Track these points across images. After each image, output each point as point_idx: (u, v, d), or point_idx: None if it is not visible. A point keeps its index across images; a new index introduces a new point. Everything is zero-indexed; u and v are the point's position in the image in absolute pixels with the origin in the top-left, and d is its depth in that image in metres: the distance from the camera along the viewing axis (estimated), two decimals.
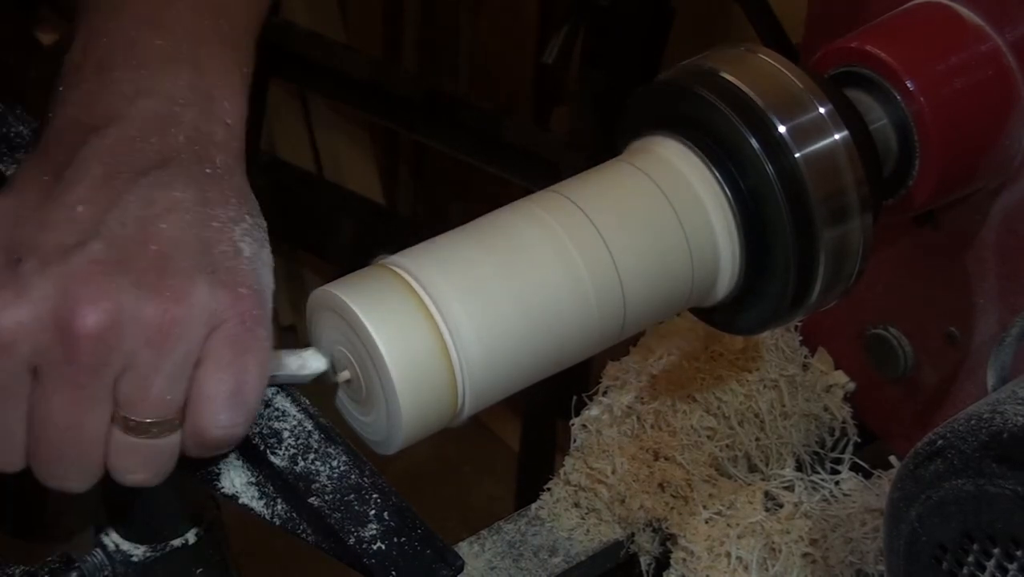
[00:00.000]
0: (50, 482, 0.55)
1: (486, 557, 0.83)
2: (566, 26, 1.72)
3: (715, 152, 0.64)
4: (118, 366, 0.52)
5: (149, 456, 0.55)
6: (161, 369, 0.53)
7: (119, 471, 0.55)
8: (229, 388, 0.54)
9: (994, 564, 0.55)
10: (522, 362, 0.60)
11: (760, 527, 0.82)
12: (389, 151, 2.44)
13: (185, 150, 0.57)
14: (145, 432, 0.54)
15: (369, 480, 0.57)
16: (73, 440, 0.53)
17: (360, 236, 2.08)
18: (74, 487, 0.55)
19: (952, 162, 0.71)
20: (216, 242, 0.55)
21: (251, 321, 0.54)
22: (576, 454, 0.87)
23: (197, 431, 0.54)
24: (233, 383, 0.54)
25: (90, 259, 0.52)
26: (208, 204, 0.56)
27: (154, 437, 0.54)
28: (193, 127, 0.58)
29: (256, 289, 0.55)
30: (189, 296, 0.53)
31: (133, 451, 0.54)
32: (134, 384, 0.53)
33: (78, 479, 0.55)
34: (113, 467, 0.55)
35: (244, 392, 0.54)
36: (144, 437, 0.54)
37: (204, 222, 0.55)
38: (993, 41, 0.71)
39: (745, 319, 0.68)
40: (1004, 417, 0.55)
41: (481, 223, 0.62)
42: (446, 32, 2.29)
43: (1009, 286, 0.78)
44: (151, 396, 0.53)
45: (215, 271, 0.54)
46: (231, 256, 0.55)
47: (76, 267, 0.52)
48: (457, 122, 1.96)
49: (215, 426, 0.54)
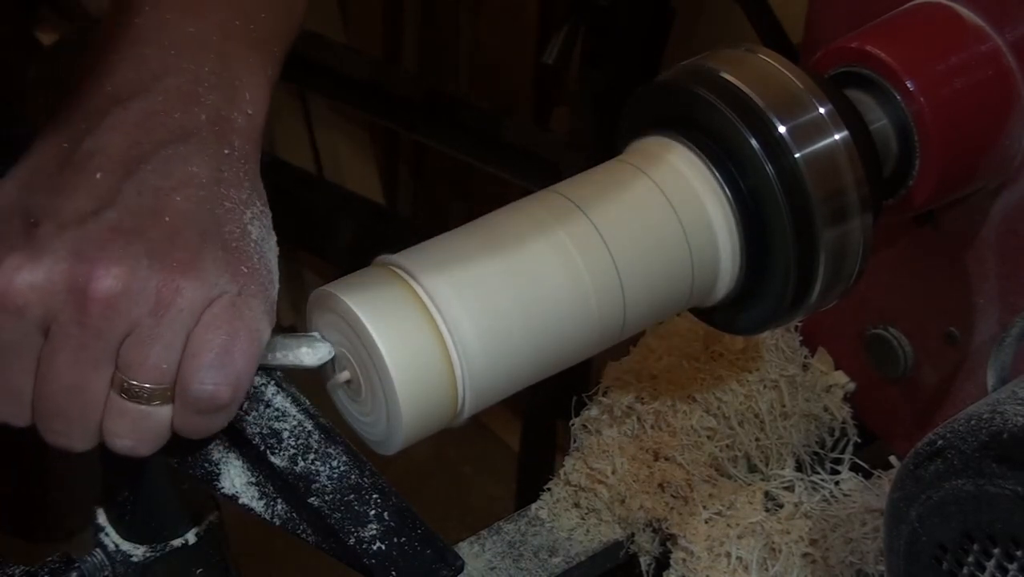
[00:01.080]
0: (52, 438, 0.56)
1: (486, 557, 0.83)
2: (566, 26, 1.72)
3: (715, 152, 0.64)
4: (122, 331, 0.54)
5: (138, 422, 0.55)
6: (160, 337, 0.54)
7: (110, 434, 0.56)
8: (216, 348, 0.55)
9: (994, 564, 0.55)
10: (522, 362, 0.60)
11: (760, 527, 0.82)
12: (389, 151, 2.44)
13: (205, 128, 0.58)
14: (138, 397, 0.55)
15: (369, 480, 0.57)
16: (76, 399, 0.55)
17: (360, 236, 2.08)
18: (75, 445, 0.57)
19: (952, 162, 0.71)
20: (226, 221, 0.56)
21: (247, 294, 0.56)
22: (576, 454, 0.86)
23: (183, 390, 0.55)
24: (221, 344, 0.55)
25: (106, 226, 0.54)
26: (222, 184, 0.57)
27: (146, 403, 0.55)
28: (215, 109, 0.59)
29: (259, 267, 0.57)
30: (196, 269, 0.54)
31: (125, 415, 0.55)
32: (134, 349, 0.54)
33: (79, 438, 0.56)
34: (106, 429, 0.56)
35: (231, 354, 0.55)
36: (137, 402, 0.55)
37: (217, 200, 0.57)
38: (993, 41, 0.71)
39: (745, 319, 0.68)
40: (1004, 417, 0.55)
41: (481, 223, 0.62)
42: (446, 32, 2.29)
43: (1009, 286, 0.78)
44: (148, 362, 0.54)
45: (224, 247, 0.55)
46: (239, 236, 0.56)
47: (92, 233, 0.54)
48: (457, 122, 1.96)
49: (198, 382, 0.55)
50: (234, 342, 0.55)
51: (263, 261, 0.57)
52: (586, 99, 1.75)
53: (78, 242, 0.53)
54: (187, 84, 0.59)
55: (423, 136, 2.08)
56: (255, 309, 0.56)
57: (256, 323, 0.56)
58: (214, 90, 0.60)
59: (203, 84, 0.59)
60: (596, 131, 1.72)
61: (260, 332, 0.56)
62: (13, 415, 0.56)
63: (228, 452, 0.59)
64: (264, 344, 0.56)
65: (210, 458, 0.59)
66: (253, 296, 0.56)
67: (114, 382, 0.55)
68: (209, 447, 0.59)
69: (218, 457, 0.59)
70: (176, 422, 0.56)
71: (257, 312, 0.56)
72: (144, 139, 0.57)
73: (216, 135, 0.58)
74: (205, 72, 0.60)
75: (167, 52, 0.60)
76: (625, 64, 1.69)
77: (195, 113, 0.58)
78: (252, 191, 0.59)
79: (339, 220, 2.11)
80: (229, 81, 0.61)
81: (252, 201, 0.58)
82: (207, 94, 0.59)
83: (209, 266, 0.55)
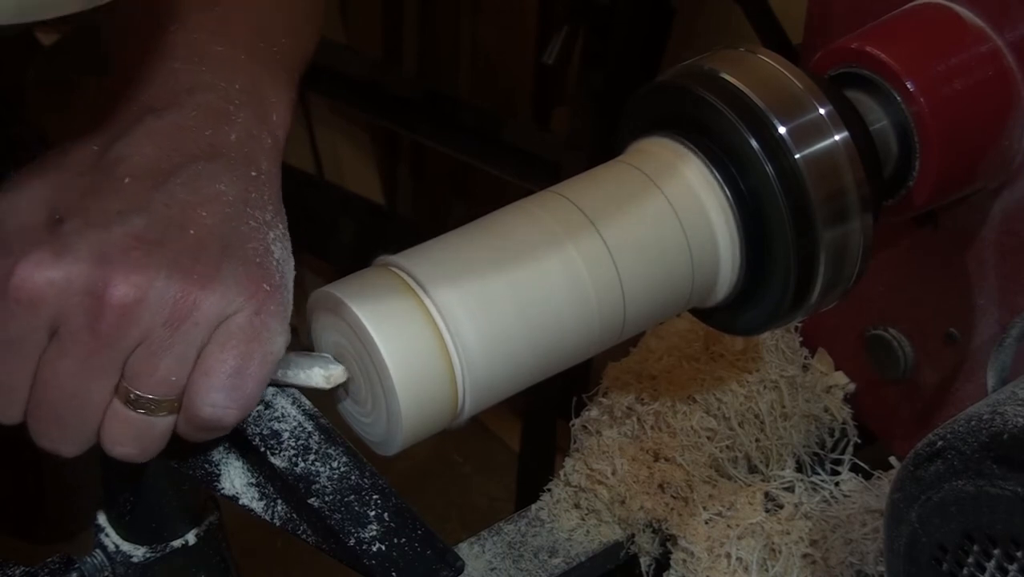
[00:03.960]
0: (42, 443, 0.56)
1: (486, 558, 0.83)
2: (566, 26, 1.72)
3: (715, 153, 0.64)
4: (134, 341, 0.53)
5: (141, 431, 0.55)
6: (171, 349, 0.53)
7: (108, 441, 0.55)
8: (229, 370, 0.54)
9: (994, 565, 0.55)
10: (522, 362, 0.60)
11: (760, 528, 0.82)
12: (389, 151, 2.44)
13: (235, 149, 0.58)
14: (143, 407, 0.54)
15: (369, 481, 0.57)
16: (75, 407, 0.54)
17: (360, 236, 2.08)
18: (65, 451, 0.56)
19: (952, 162, 0.71)
20: (250, 238, 0.56)
21: (266, 314, 0.55)
22: (576, 455, 0.86)
23: (190, 406, 0.55)
24: (233, 366, 0.54)
25: (131, 232, 0.53)
26: (248, 204, 0.57)
27: (150, 414, 0.55)
28: (245, 129, 0.59)
29: (279, 286, 0.56)
30: (215, 284, 0.54)
31: (127, 424, 0.55)
32: (144, 360, 0.54)
33: (71, 444, 0.56)
34: (105, 436, 0.55)
35: (243, 377, 0.55)
36: (141, 412, 0.54)
37: (242, 219, 0.56)
38: (993, 42, 0.71)
39: (745, 320, 0.68)
40: (1004, 418, 0.55)
41: (481, 223, 0.62)
42: (446, 32, 2.29)
43: (1009, 286, 0.78)
44: (157, 374, 0.54)
45: (246, 264, 0.55)
46: (262, 253, 0.56)
47: (116, 236, 0.53)
48: (457, 122, 1.96)
49: (207, 404, 0.54)
50: (248, 365, 0.54)
51: (283, 281, 0.57)
52: (586, 99, 1.75)
53: (101, 245, 0.53)
54: (218, 101, 0.59)
55: (423, 136, 2.08)
56: (271, 330, 0.55)
57: (271, 344, 0.55)
58: (244, 108, 0.60)
59: (233, 102, 0.59)
60: (596, 131, 1.72)
61: (275, 354, 0.56)
62: (4, 415, 0.55)
63: (228, 453, 0.59)
64: (277, 363, 0.56)
65: (210, 459, 0.59)
66: (271, 316, 0.55)
67: (119, 391, 0.54)
68: (209, 448, 0.59)
69: (218, 458, 0.59)
70: (178, 429, 0.56)
71: (274, 332, 0.56)
72: (175, 152, 0.56)
73: (244, 156, 0.58)
74: (236, 90, 0.60)
75: (198, 68, 0.60)
76: (625, 64, 1.69)
77: (225, 132, 0.58)
78: (276, 214, 0.59)
79: (339, 220, 2.11)
80: (258, 101, 0.61)
81: (275, 223, 0.58)
82: (237, 112, 0.59)
83: (229, 282, 0.54)
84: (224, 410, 0.55)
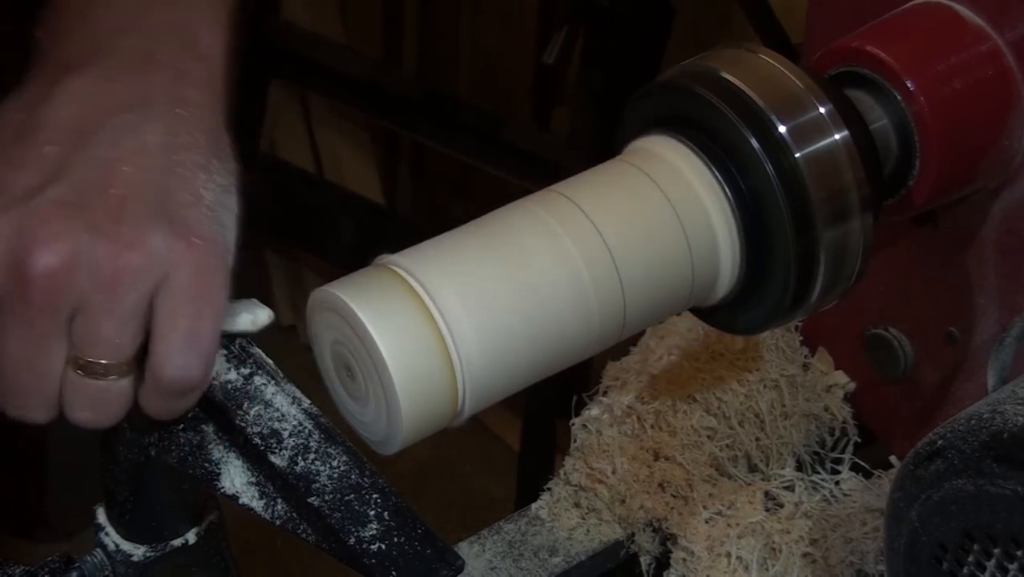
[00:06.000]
0: (12, 411, 0.56)
1: (486, 557, 0.83)
2: (566, 26, 1.72)
3: (715, 152, 0.64)
4: (70, 307, 0.53)
5: (97, 397, 0.55)
6: (112, 312, 0.54)
7: (69, 408, 0.56)
8: (184, 330, 0.54)
9: (994, 564, 0.55)
10: (522, 362, 0.60)
11: (760, 527, 0.82)
12: (389, 151, 2.44)
13: (160, 91, 0.58)
14: (94, 373, 0.55)
15: (369, 480, 0.57)
16: (30, 374, 0.55)
17: (360, 236, 2.08)
18: (35, 417, 0.56)
19: (952, 162, 0.71)
20: (177, 189, 0.56)
21: (205, 269, 0.55)
22: (576, 454, 0.86)
23: (154, 374, 0.55)
24: (187, 326, 0.54)
25: (50, 200, 0.53)
26: (175, 149, 0.56)
27: (103, 378, 0.55)
28: (170, 65, 0.59)
29: (212, 238, 0.56)
30: (143, 243, 0.54)
31: (83, 390, 0.55)
32: (86, 326, 0.54)
33: (37, 410, 0.56)
34: (65, 403, 0.56)
35: (199, 337, 0.55)
36: (94, 378, 0.55)
37: (168, 168, 0.56)
38: (993, 41, 0.71)
39: (745, 319, 0.67)
40: (1004, 417, 0.55)
41: (481, 223, 0.62)
42: (446, 32, 2.29)
43: (1009, 286, 0.78)
44: (101, 338, 0.54)
45: (172, 220, 0.55)
46: (191, 204, 0.56)
47: (35, 208, 0.53)
48: (457, 122, 1.96)
49: (173, 367, 0.55)
50: (200, 322, 0.55)
51: (219, 228, 0.56)
52: (586, 99, 1.75)
53: (21, 217, 0.53)
54: (139, 41, 0.59)
55: (423, 136, 2.08)
56: (213, 285, 0.55)
57: (217, 299, 0.56)
58: (167, 40, 0.59)
59: (155, 37, 0.59)
60: (596, 131, 1.72)
61: (221, 306, 0.56)
62: None
63: (228, 452, 0.59)
64: None
65: (210, 458, 0.59)
66: (211, 269, 0.55)
67: (69, 358, 0.55)
68: (209, 447, 0.59)
69: (218, 457, 0.59)
70: (145, 404, 0.56)
71: (216, 285, 0.56)
72: (95, 109, 0.56)
73: (170, 95, 0.58)
74: (159, 22, 0.59)
75: (117, 10, 0.59)
76: (625, 64, 1.69)
77: (148, 75, 0.58)
78: (209, 150, 0.58)
79: (339, 220, 2.11)
80: (182, 28, 0.60)
81: (208, 162, 0.57)
82: (161, 48, 0.59)
83: (158, 239, 0.54)
84: (187, 371, 0.55)
